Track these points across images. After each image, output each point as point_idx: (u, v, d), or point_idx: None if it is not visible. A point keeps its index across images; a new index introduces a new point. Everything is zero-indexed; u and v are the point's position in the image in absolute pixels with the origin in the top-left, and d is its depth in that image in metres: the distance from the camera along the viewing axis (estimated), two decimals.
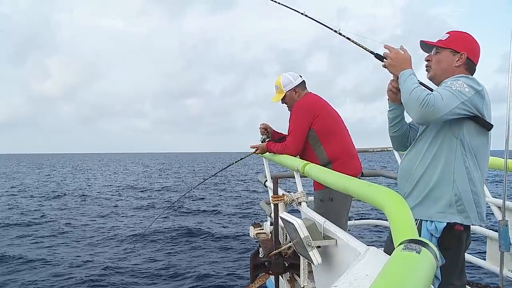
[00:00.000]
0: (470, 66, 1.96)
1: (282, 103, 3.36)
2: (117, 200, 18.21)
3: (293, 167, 2.84)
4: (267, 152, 3.40)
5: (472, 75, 1.97)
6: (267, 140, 3.47)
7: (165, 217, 13.14)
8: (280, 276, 2.91)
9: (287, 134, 3.26)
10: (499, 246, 2.58)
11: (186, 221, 12.65)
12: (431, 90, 1.97)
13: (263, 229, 3.60)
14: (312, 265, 2.16)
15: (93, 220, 12.89)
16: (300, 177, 2.79)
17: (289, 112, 3.32)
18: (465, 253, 2.06)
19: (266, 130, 3.52)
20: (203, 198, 17.30)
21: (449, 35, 2.00)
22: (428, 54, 2.06)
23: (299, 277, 2.56)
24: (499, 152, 2.68)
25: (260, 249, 3.21)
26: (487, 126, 1.83)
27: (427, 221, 1.86)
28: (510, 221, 2.64)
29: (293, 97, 3.27)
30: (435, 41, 2.03)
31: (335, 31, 2.46)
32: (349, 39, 2.34)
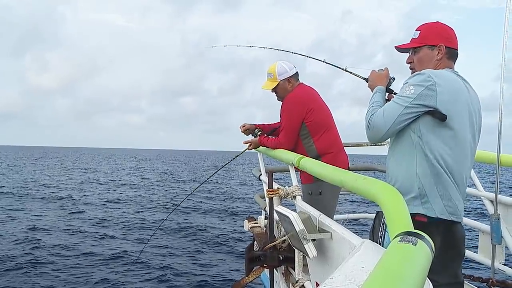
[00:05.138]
0: (451, 54, 1.98)
1: (272, 91, 3.30)
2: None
3: (288, 161, 2.84)
4: (261, 146, 3.39)
5: (455, 60, 2.00)
6: (259, 133, 3.45)
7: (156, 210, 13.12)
8: (275, 269, 2.92)
9: (279, 126, 3.25)
10: (491, 239, 2.62)
11: (180, 218, 12.73)
12: None
13: (257, 223, 3.61)
14: (307, 258, 2.17)
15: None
16: (295, 171, 2.79)
17: (279, 101, 3.28)
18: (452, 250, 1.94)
19: (248, 130, 3.49)
20: (196, 196, 17.38)
21: (419, 31, 2.01)
22: (408, 56, 2.08)
23: (294, 270, 2.57)
24: None
25: (255, 242, 3.22)
26: (440, 117, 1.80)
27: None
28: (502, 215, 2.68)
29: (286, 88, 3.22)
30: (409, 43, 2.04)
31: (343, 69, 2.72)
32: (351, 72, 2.60)
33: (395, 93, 2.14)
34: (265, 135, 3.39)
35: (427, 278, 0.99)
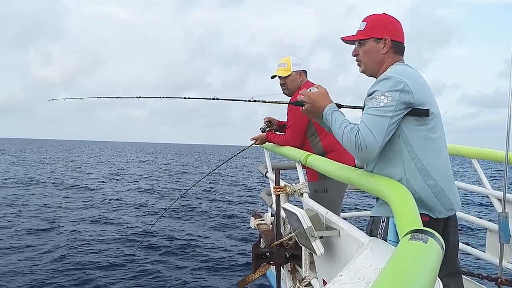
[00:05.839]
0: (398, 48, 1.92)
1: (281, 83, 3.31)
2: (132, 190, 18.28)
3: (295, 158, 2.83)
4: (267, 143, 3.39)
5: (402, 54, 1.94)
6: (267, 130, 3.45)
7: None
8: (281, 266, 2.92)
9: (286, 124, 3.25)
10: (499, 238, 2.60)
11: (191, 203, 13.20)
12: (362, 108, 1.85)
13: (263, 220, 3.60)
14: (314, 255, 2.17)
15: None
16: (302, 168, 2.79)
17: (284, 95, 3.30)
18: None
19: (270, 123, 3.48)
20: (206, 190, 17.72)
21: (366, 22, 1.94)
22: (354, 48, 2.00)
23: (300, 267, 2.57)
24: None
25: (261, 239, 3.21)
26: (425, 113, 1.75)
27: (393, 217, 1.72)
28: (510, 213, 2.66)
29: (296, 80, 3.26)
30: (355, 34, 1.97)
31: (248, 100, 2.62)
32: (265, 101, 2.54)
33: (344, 106, 2.00)
34: (273, 131, 3.39)
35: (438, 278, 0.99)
